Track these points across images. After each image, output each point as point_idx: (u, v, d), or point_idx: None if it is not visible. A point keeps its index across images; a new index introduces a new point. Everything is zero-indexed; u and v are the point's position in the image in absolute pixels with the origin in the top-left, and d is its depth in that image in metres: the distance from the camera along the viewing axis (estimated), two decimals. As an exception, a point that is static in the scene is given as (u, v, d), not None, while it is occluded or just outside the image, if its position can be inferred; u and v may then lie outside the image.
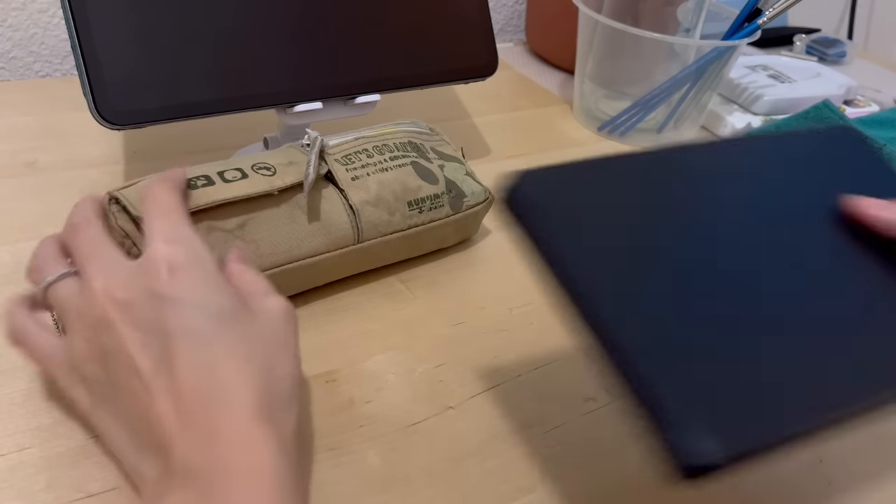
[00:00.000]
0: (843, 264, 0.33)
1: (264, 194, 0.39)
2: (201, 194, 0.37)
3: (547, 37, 0.86)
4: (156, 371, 0.27)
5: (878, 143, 0.66)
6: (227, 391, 0.27)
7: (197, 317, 0.28)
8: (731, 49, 0.65)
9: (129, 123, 0.41)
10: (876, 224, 0.34)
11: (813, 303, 0.31)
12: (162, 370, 0.27)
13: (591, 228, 0.28)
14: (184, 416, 0.26)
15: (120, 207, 0.36)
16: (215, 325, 0.28)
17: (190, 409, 0.27)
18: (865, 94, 0.85)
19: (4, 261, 0.44)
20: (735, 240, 0.31)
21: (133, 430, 0.28)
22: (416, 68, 0.51)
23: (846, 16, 1.13)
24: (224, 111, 0.44)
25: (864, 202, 0.35)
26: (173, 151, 0.57)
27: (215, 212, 0.38)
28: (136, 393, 0.28)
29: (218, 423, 0.26)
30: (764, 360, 0.27)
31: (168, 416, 0.27)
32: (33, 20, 0.68)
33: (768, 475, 0.37)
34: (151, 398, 0.27)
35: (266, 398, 0.28)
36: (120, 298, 0.29)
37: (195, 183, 0.38)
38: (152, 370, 0.27)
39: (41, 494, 0.31)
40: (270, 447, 0.26)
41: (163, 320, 0.28)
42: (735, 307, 0.29)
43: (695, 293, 0.28)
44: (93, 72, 0.40)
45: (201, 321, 0.28)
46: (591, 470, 0.36)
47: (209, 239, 0.37)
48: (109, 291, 0.29)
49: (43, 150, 0.55)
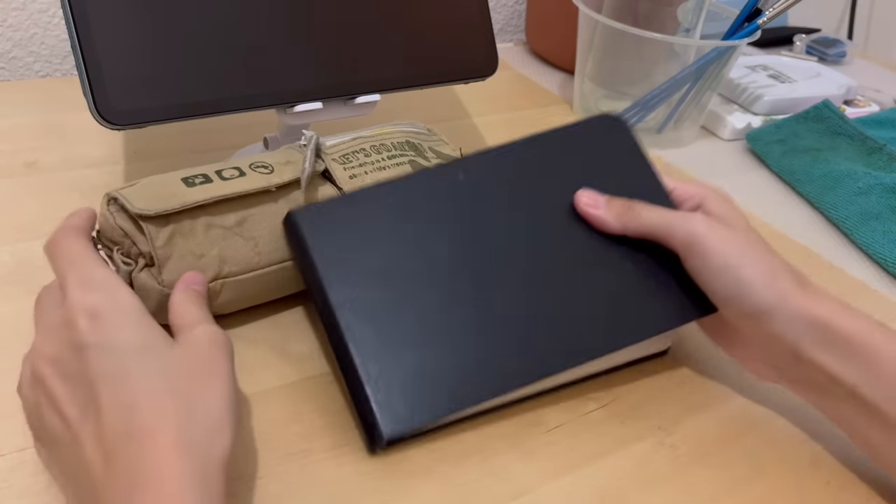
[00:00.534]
0: (572, 255, 0.39)
1: (262, 191, 0.39)
2: (199, 191, 0.37)
3: (547, 37, 0.86)
4: (83, 418, 0.28)
5: (879, 143, 0.66)
6: (146, 430, 0.28)
7: (116, 359, 0.29)
8: (731, 49, 0.65)
9: (129, 123, 0.41)
10: (588, 220, 0.39)
11: (524, 289, 0.38)
12: (89, 417, 0.28)
13: (343, 250, 0.37)
14: (109, 459, 0.27)
15: (118, 207, 0.37)
16: (135, 365, 0.29)
17: (113, 453, 0.27)
18: (865, 94, 0.85)
19: (4, 261, 0.44)
20: (472, 246, 0.38)
21: (73, 481, 0.29)
22: (416, 68, 0.51)
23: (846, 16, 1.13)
24: (224, 111, 0.44)
25: (580, 198, 0.40)
26: (173, 151, 0.57)
27: (214, 209, 0.38)
28: (68, 442, 0.28)
29: (138, 463, 0.27)
30: (456, 351, 0.36)
31: (95, 462, 0.27)
32: (33, 20, 0.68)
33: (768, 475, 0.37)
34: (80, 446, 0.28)
35: (187, 431, 0.28)
36: (48, 355, 0.30)
37: (193, 181, 0.38)
38: (80, 418, 0.28)
39: (41, 494, 0.31)
40: (185, 481, 0.27)
41: (86, 369, 0.29)
42: (444, 308, 0.36)
43: (413, 302, 0.36)
44: (93, 72, 0.40)
45: (121, 363, 0.29)
46: (591, 470, 0.36)
47: (208, 235, 0.38)
48: (41, 349, 0.30)
49: (43, 150, 0.55)
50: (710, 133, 0.75)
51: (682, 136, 0.72)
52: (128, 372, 0.29)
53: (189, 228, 0.37)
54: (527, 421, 0.38)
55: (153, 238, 0.36)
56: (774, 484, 0.37)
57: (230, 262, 0.38)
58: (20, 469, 0.32)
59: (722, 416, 0.40)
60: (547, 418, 0.38)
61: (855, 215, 0.59)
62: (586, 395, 0.40)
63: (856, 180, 0.62)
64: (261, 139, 0.52)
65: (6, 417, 0.34)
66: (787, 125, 0.71)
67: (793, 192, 0.66)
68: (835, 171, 0.63)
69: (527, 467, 0.36)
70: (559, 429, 0.38)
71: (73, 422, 0.28)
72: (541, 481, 0.35)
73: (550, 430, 0.38)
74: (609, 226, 0.39)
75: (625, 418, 0.39)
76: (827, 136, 0.69)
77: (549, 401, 0.39)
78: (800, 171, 0.66)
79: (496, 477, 0.35)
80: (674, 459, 0.37)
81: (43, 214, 0.48)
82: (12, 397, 0.35)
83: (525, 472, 0.35)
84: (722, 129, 0.74)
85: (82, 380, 0.29)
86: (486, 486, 0.34)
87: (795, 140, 0.69)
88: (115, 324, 0.30)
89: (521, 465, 0.36)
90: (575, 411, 0.39)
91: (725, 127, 0.74)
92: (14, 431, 0.34)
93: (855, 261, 0.57)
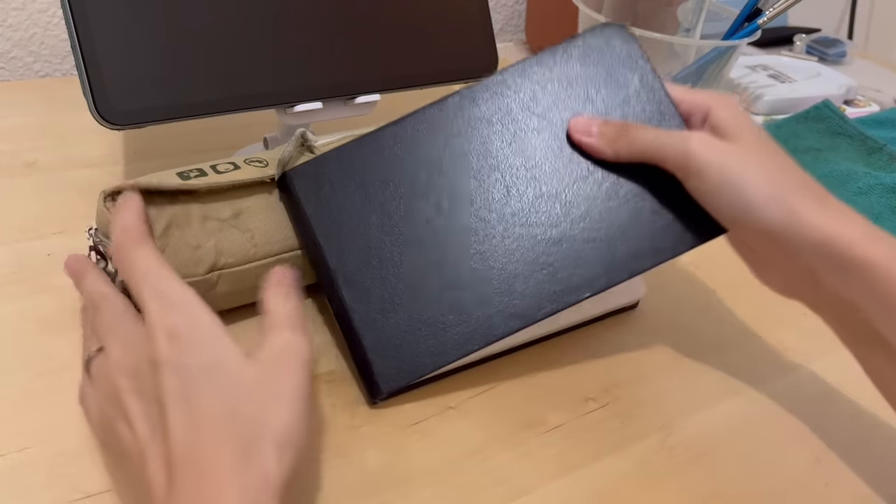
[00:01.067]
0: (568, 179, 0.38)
1: (257, 182, 0.40)
2: (194, 183, 0.38)
3: (547, 37, 0.86)
4: (152, 438, 0.28)
5: (879, 143, 0.66)
6: (208, 455, 0.28)
7: (186, 380, 0.29)
8: (732, 49, 0.65)
9: (128, 123, 0.41)
10: (584, 149, 0.38)
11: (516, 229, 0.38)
12: (157, 437, 0.28)
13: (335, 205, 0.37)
14: (171, 482, 0.27)
15: (114, 202, 0.37)
16: (203, 387, 0.29)
17: (176, 476, 0.27)
18: (865, 94, 0.85)
19: (4, 261, 0.44)
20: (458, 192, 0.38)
21: (133, 494, 0.29)
22: (416, 68, 0.51)
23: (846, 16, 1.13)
24: (224, 111, 0.44)
25: (573, 127, 0.38)
26: (173, 151, 0.57)
27: (209, 200, 0.38)
28: (135, 458, 0.29)
29: (199, 489, 0.27)
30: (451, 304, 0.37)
31: (158, 483, 0.27)
32: (33, 20, 0.68)
33: (768, 475, 0.37)
34: (146, 464, 0.28)
35: (249, 454, 0.28)
36: (126, 368, 0.30)
37: (188, 175, 0.38)
38: (149, 437, 0.28)
39: (41, 494, 0.31)
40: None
41: (160, 387, 0.29)
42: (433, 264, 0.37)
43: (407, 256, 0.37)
44: (92, 72, 0.40)
45: (190, 384, 0.29)
46: (590, 470, 0.36)
47: (204, 227, 0.38)
48: (119, 361, 0.31)
49: (43, 150, 0.55)
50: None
51: (682, 136, 0.71)
52: (196, 393, 0.29)
53: (185, 220, 0.37)
54: (526, 421, 0.38)
55: (153, 220, 0.36)
56: (774, 484, 0.37)
57: (227, 254, 0.38)
58: (20, 469, 0.32)
59: (722, 416, 0.40)
60: (547, 418, 0.38)
61: (855, 215, 0.59)
62: (586, 395, 0.40)
63: (856, 180, 0.62)
64: (261, 139, 0.52)
65: (6, 418, 0.34)
66: (788, 125, 0.71)
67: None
68: (835, 171, 0.63)
69: (526, 467, 0.36)
70: (559, 429, 0.38)
71: (141, 439, 0.29)
72: (540, 482, 0.35)
73: (550, 431, 0.38)
74: (602, 153, 0.37)
75: (625, 418, 0.39)
76: (827, 136, 0.69)
77: (549, 401, 0.39)
78: (800, 171, 0.65)
79: (496, 477, 0.35)
80: (674, 459, 0.37)
81: (43, 214, 0.48)
82: (12, 397, 0.35)
83: (525, 472, 0.35)
84: (722, 129, 0.74)
85: (155, 398, 0.29)
86: (486, 487, 0.34)
87: (796, 140, 0.69)
88: (192, 344, 0.30)
89: (520, 465, 0.36)
90: (575, 411, 0.39)
91: (725, 127, 0.74)
92: (14, 431, 0.34)
93: (855, 261, 0.57)
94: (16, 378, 0.36)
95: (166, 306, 0.31)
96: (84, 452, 0.33)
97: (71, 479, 0.32)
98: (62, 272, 0.43)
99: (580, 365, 0.42)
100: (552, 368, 0.42)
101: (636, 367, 0.43)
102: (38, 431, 0.34)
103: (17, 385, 0.36)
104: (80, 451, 0.33)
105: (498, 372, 0.41)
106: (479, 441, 0.37)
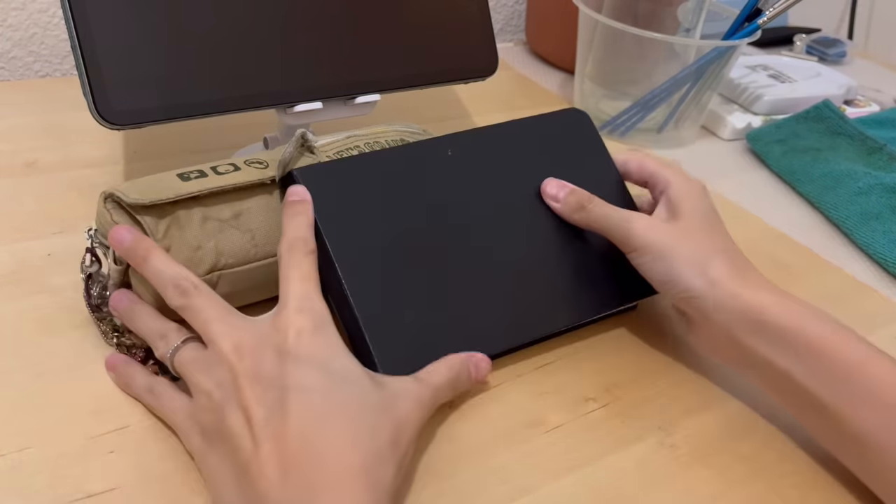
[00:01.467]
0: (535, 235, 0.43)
1: (257, 184, 0.40)
2: (194, 184, 0.38)
3: (547, 37, 0.86)
4: (267, 420, 0.29)
5: (879, 143, 0.66)
6: (332, 445, 0.29)
7: (316, 374, 0.31)
8: (732, 49, 0.65)
9: (128, 123, 0.41)
10: (553, 207, 0.44)
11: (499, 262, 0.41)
12: (273, 419, 0.29)
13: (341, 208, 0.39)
14: (286, 464, 0.28)
15: (115, 203, 0.37)
16: (332, 384, 0.31)
17: (293, 458, 0.28)
18: (866, 94, 0.85)
19: (4, 261, 0.44)
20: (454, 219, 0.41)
21: (234, 481, 0.29)
22: (416, 68, 0.51)
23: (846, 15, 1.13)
24: (224, 111, 0.44)
25: (545, 188, 0.44)
26: (173, 151, 0.57)
27: (209, 202, 0.38)
28: (244, 441, 0.29)
29: (317, 475, 0.28)
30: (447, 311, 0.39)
31: (269, 467, 0.28)
32: (33, 20, 0.68)
33: (768, 475, 0.37)
34: (257, 445, 0.29)
35: (369, 459, 0.29)
36: (248, 356, 0.31)
37: (188, 176, 0.38)
38: (264, 420, 0.29)
39: (41, 494, 0.31)
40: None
41: (283, 376, 0.30)
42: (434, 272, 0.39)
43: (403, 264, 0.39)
44: (92, 72, 0.40)
45: (319, 379, 0.31)
46: (591, 470, 0.36)
47: (204, 228, 0.38)
48: (238, 349, 0.32)
49: (43, 150, 0.55)
50: (711, 133, 0.75)
51: (682, 135, 0.72)
52: (323, 389, 0.30)
53: (185, 221, 0.37)
54: (527, 421, 0.38)
55: (151, 231, 0.36)
56: (774, 484, 0.37)
57: (227, 254, 0.38)
58: (20, 469, 0.32)
59: (722, 416, 0.40)
60: (547, 418, 0.38)
61: (855, 215, 0.59)
62: (586, 395, 0.40)
63: (856, 180, 0.62)
64: (261, 139, 0.52)
65: (6, 418, 0.34)
66: (788, 125, 0.71)
67: (793, 191, 0.66)
68: (835, 170, 0.63)
69: (527, 467, 0.36)
70: (559, 429, 0.38)
71: (256, 422, 0.29)
72: (541, 481, 0.35)
73: (550, 431, 0.38)
74: (565, 217, 0.43)
75: (625, 418, 0.39)
76: (827, 136, 0.69)
77: (549, 401, 0.39)
78: (800, 171, 0.65)
79: (496, 477, 0.35)
80: (674, 459, 0.37)
81: (42, 214, 0.48)
82: (12, 397, 0.35)
83: (525, 472, 0.35)
84: (722, 129, 0.74)
85: (275, 384, 0.30)
86: (486, 486, 0.34)
87: (795, 140, 0.69)
88: (321, 346, 0.32)
89: (521, 465, 0.36)
90: (575, 411, 0.39)
91: (726, 127, 0.74)
92: (14, 431, 0.34)
93: (855, 261, 0.57)
94: (16, 378, 0.36)
95: (303, 312, 0.33)
96: (84, 452, 0.33)
97: (71, 479, 0.32)
98: (62, 272, 0.43)
99: (580, 365, 0.42)
100: (552, 368, 0.42)
101: (636, 367, 0.43)
102: (38, 431, 0.34)
103: (17, 385, 0.36)
104: (80, 451, 0.33)
105: (498, 372, 0.41)
106: (480, 441, 0.37)
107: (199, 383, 0.32)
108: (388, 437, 0.30)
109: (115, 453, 0.33)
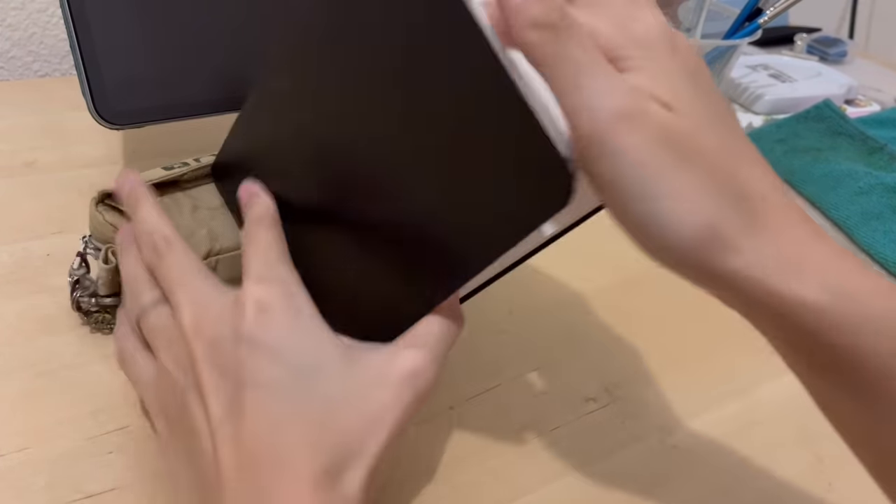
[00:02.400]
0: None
1: None
2: (177, 171, 0.38)
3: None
4: (224, 418, 0.27)
5: (880, 143, 0.66)
6: (288, 454, 0.26)
7: (274, 367, 0.27)
8: (732, 48, 0.65)
9: (127, 123, 0.41)
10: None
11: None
12: (231, 418, 0.26)
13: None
14: (241, 469, 0.26)
15: (106, 205, 0.37)
16: (292, 379, 0.27)
17: (248, 464, 0.26)
18: (866, 94, 0.85)
19: (3, 261, 0.44)
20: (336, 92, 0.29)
21: (192, 469, 0.28)
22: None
23: (847, 15, 1.13)
24: (223, 111, 0.44)
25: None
26: (172, 151, 0.56)
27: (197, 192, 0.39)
28: (202, 435, 0.27)
29: (271, 485, 0.25)
30: None
31: (227, 466, 0.26)
32: (32, 20, 0.68)
33: (769, 475, 0.37)
34: (215, 444, 0.26)
35: (332, 468, 0.26)
36: (207, 335, 0.28)
37: (171, 167, 0.39)
38: (222, 416, 0.27)
39: (41, 494, 0.31)
40: None
41: (240, 365, 0.27)
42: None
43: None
44: (91, 71, 0.40)
45: (277, 372, 0.27)
46: (591, 470, 0.36)
47: (196, 217, 0.38)
48: (198, 327, 0.28)
49: (42, 149, 0.55)
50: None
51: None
52: (281, 385, 0.27)
53: (176, 210, 0.38)
54: (527, 421, 0.38)
55: None
56: (775, 484, 0.37)
57: (221, 238, 0.38)
58: (20, 469, 0.32)
59: (722, 416, 0.40)
60: (547, 418, 0.38)
61: (856, 215, 0.59)
62: (586, 395, 0.40)
63: (857, 180, 0.62)
64: (260, 139, 0.52)
65: (6, 418, 0.34)
66: (788, 125, 0.70)
67: (793, 191, 0.66)
68: (835, 170, 0.63)
69: (527, 468, 0.36)
70: (559, 429, 0.38)
71: (213, 418, 0.26)
72: (541, 482, 0.35)
73: (550, 431, 0.38)
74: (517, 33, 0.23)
75: (625, 418, 0.39)
76: (828, 136, 0.69)
77: (550, 401, 0.39)
78: (800, 171, 0.65)
79: (496, 477, 0.35)
80: (674, 459, 0.37)
81: (42, 214, 0.48)
82: (12, 397, 0.35)
83: (525, 472, 0.35)
84: (722, 129, 0.74)
85: (232, 375, 0.27)
86: (486, 487, 0.34)
87: (796, 140, 0.69)
88: (284, 327, 0.28)
89: (521, 465, 0.36)
90: (575, 411, 0.39)
91: (726, 126, 0.74)
92: (14, 431, 0.34)
93: (856, 260, 0.57)
94: (16, 378, 0.36)
95: (264, 280, 0.28)
96: (84, 452, 0.33)
97: (70, 480, 0.32)
98: (61, 272, 0.43)
99: (580, 365, 0.42)
100: (552, 368, 0.42)
101: (636, 367, 0.43)
102: (38, 431, 0.34)
103: (17, 385, 0.36)
104: (79, 451, 0.33)
105: (498, 372, 0.41)
106: (480, 441, 0.37)
107: (161, 359, 0.29)
108: (356, 438, 0.27)
109: (115, 453, 0.33)
